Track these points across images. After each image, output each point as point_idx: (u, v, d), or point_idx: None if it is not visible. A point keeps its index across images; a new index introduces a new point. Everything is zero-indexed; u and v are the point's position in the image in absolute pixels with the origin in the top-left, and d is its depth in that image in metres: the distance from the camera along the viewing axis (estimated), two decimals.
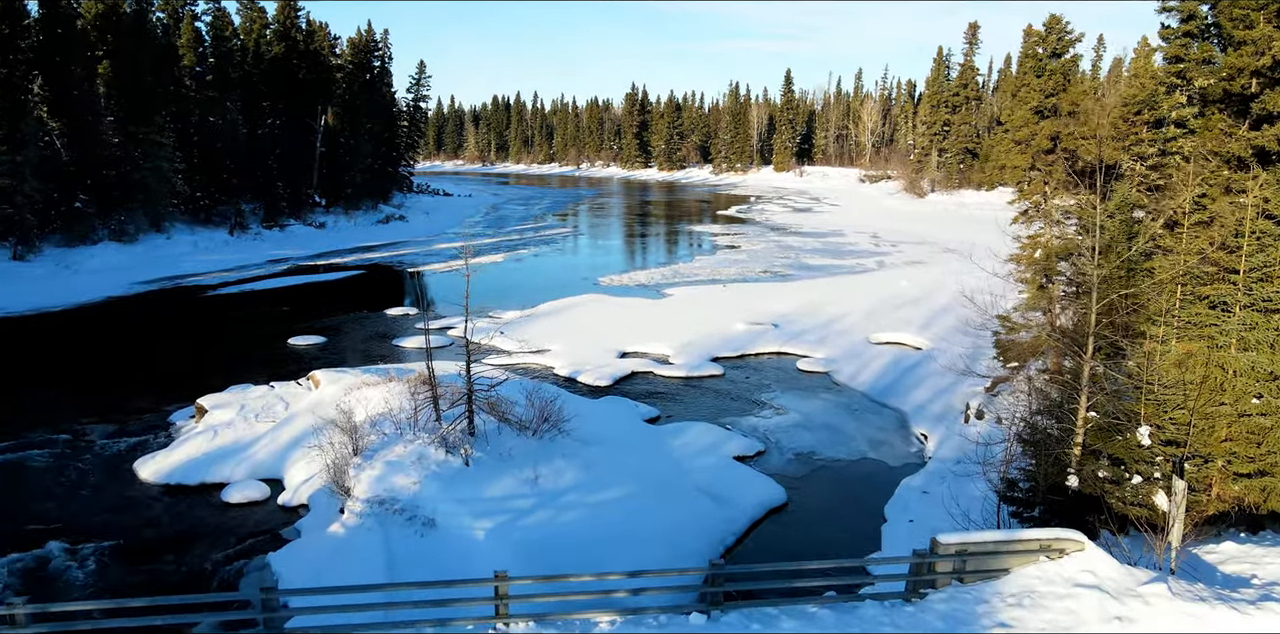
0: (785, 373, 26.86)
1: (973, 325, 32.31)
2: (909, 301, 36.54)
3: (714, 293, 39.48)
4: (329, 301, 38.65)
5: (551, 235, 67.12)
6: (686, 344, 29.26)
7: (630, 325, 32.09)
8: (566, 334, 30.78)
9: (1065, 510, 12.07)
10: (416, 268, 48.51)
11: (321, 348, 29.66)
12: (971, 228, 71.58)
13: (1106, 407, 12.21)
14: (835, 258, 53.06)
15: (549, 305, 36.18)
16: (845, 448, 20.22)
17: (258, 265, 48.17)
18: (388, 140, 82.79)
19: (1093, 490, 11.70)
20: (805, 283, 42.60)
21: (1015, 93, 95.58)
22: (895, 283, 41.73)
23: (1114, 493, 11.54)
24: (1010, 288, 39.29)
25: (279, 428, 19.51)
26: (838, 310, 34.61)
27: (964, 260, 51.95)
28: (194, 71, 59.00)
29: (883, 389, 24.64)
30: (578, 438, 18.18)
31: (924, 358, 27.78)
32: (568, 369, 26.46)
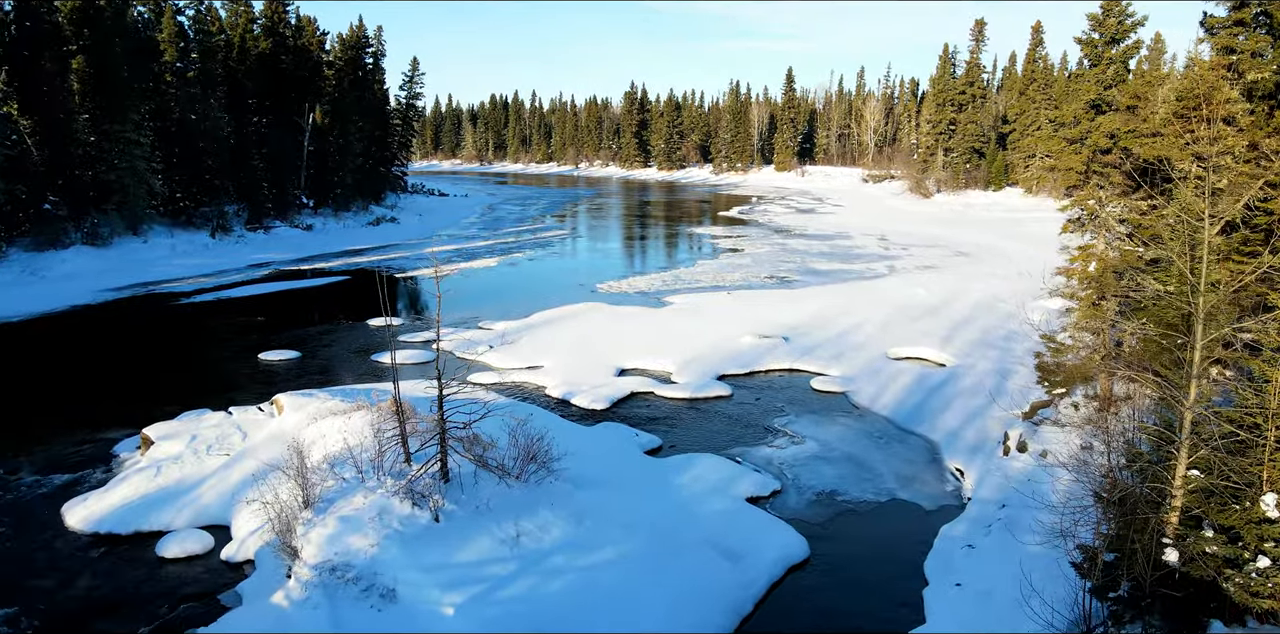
0: (798, 393, 24.55)
1: (998, 337, 30.12)
2: (927, 311, 34.24)
3: (718, 301, 37.18)
4: (308, 310, 36.34)
5: (548, 238, 64.80)
6: (690, 360, 26.96)
7: (630, 338, 29.79)
8: (561, 348, 28.48)
9: (1165, 591, 9.77)
10: (405, 273, 46.20)
11: (294, 364, 27.33)
12: (981, 229, 69.36)
13: (1215, 465, 9.90)
14: (843, 262, 50.76)
15: (543, 315, 33.87)
16: (872, 485, 17.91)
17: (238, 270, 45.83)
18: (380, 139, 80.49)
19: (1202, 573, 9.40)
20: (814, 290, 40.29)
21: (1024, 91, 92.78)
22: (910, 290, 39.45)
23: (1232, 577, 9.26)
24: (1031, 297, 37.04)
25: (231, 464, 17.19)
26: (851, 321, 32.30)
27: (976, 265, 49.76)
28: (175, 67, 56.62)
29: (908, 413, 22.32)
30: (569, 479, 15.88)
31: (949, 376, 25.47)
32: (561, 389, 24.14)
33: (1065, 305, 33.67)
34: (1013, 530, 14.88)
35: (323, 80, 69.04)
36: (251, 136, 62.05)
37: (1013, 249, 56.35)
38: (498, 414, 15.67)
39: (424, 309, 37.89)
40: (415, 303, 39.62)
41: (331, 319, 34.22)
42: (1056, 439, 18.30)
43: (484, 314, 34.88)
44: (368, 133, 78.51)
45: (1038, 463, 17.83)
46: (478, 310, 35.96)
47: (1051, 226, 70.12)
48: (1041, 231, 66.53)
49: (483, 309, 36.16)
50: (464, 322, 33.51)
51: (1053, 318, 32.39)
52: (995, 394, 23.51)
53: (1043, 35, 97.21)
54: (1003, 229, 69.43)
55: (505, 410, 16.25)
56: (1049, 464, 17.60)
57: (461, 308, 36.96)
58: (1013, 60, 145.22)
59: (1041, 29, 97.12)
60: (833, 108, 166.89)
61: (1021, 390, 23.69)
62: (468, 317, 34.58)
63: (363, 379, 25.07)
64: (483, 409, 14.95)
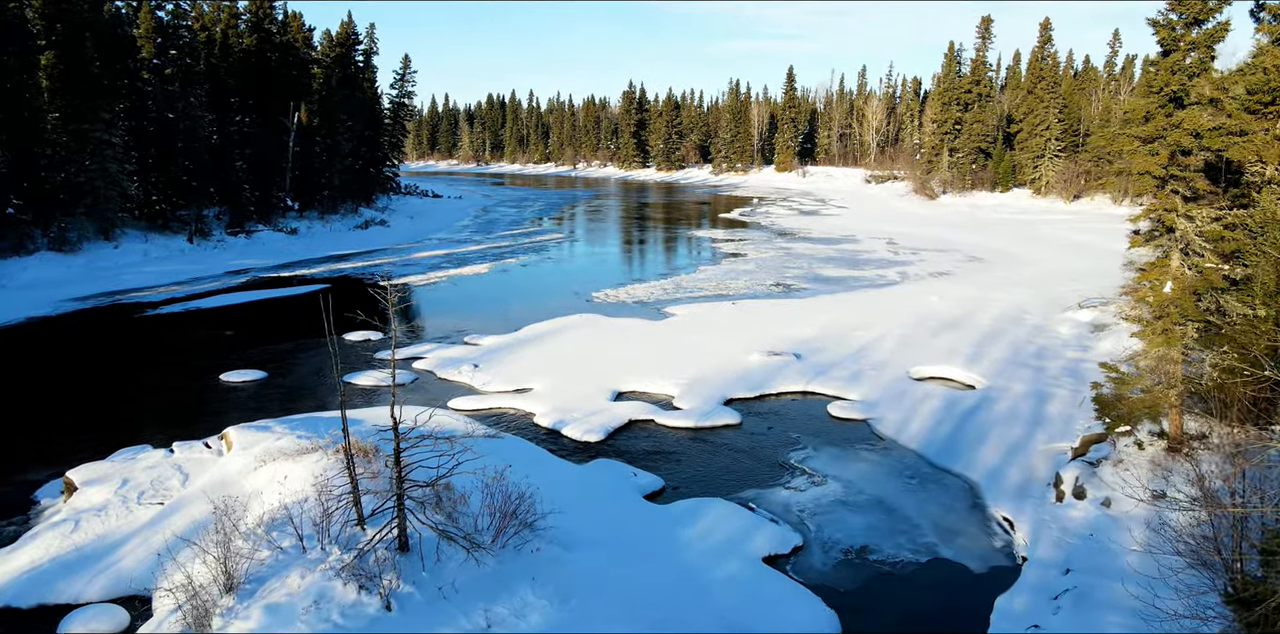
0: (815, 421, 22.09)
1: (1028, 354, 27.67)
2: (947, 324, 31.79)
3: (722, 312, 34.73)
4: (282, 322, 33.86)
5: (543, 241, 62.33)
6: (694, 381, 24.51)
7: (627, 355, 27.34)
8: (553, 367, 26.01)
9: None
10: (390, 280, 43.64)
11: (259, 387, 24.83)
12: (992, 232, 66.95)
13: None
14: (852, 268, 48.33)
15: (534, 328, 31.41)
16: (907, 540, 15.45)
17: (213, 278, 43.32)
18: (370, 139, 78.04)
19: None
20: (824, 300, 37.84)
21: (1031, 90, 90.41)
22: (925, 299, 37.02)
23: None
24: (1057, 307, 34.61)
25: (163, 518, 14.72)
26: (868, 336, 29.85)
27: (991, 271, 47.31)
28: (152, 64, 54.09)
29: (940, 446, 19.86)
30: (556, 539, 13.44)
31: (980, 400, 23.02)
32: (552, 417, 21.67)
33: (1095, 318, 31.30)
34: (1087, 606, 12.44)
35: (309, 78, 66.51)
36: (234, 136, 59.56)
37: (1028, 254, 53.94)
38: (472, 462, 13.20)
39: (409, 321, 35.42)
40: (400, 314, 37.12)
41: (306, 333, 31.71)
42: (1120, 484, 15.85)
43: (471, 327, 32.42)
44: (357, 132, 76.05)
45: (1101, 512, 15.38)
46: (464, 322, 33.51)
47: (1064, 229, 67.79)
48: (1055, 235, 64.17)
49: (470, 321, 33.72)
50: (448, 336, 31.06)
51: (1084, 332, 30.01)
52: (1035, 423, 21.10)
53: (1051, 33, 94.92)
54: (1014, 232, 67.01)
55: (483, 458, 13.77)
56: (1116, 515, 15.17)
57: (447, 319, 34.52)
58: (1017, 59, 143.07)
59: (1050, 26, 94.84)
60: (834, 107, 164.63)
61: (1063, 418, 21.25)
62: (453, 330, 32.13)
63: (331, 405, 22.59)
64: (452, 461, 12.48)
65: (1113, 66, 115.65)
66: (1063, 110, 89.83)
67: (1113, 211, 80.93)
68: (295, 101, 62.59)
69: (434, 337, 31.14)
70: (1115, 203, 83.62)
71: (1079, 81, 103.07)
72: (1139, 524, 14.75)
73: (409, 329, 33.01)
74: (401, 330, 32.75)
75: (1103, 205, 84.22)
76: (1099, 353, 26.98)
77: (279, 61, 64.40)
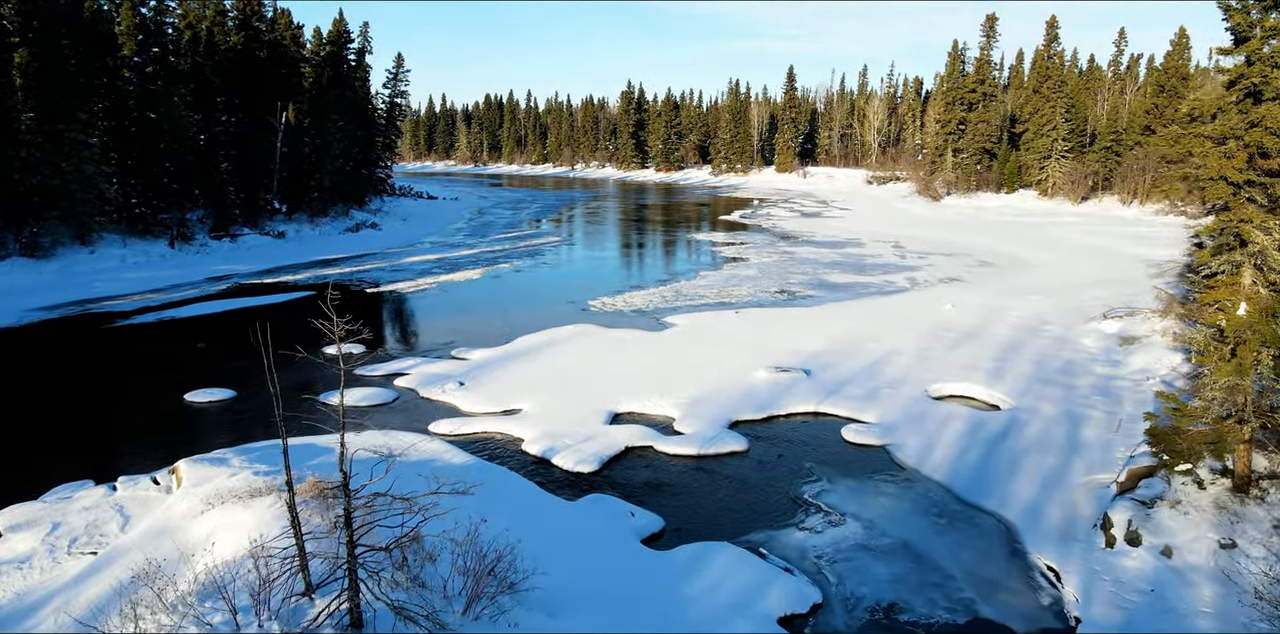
0: (829, 447, 20.27)
1: (1054, 370, 25.85)
2: (964, 335, 29.97)
3: (725, 321, 32.90)
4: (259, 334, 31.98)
5: (538, 245, 60.49)
6: (696, 401, 22.69)
7: (625, 371, 25.51)
8: (544, 385, 24.18)
9: None
10: (378, 286, 41.87)
11: (225, 408, 22.98)
12: (1000, 235, 65.15)
13: None
14: (859, 273, 46.51)
15: (526, 340, 29.59)
16: (941, 595, 13.62)
17: (193, 285, 41.46)
18: (362, 140, 76.15)
19: None
20: (832, 308, 36.01)
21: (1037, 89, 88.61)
22: (938, 307, 35.22)
23: None
24: (1080, 318, 32.76)
25: (91, 574, 12.87)
26: (881, 350, 28.03)
27: (1004, 277, 45.46)
28: (133, 62, 52.23)
29: (968, 478, 18.02)
30: (538, 603, 11.61)
31: (1008, 423, 21.20)
32: (541, 444, 19.83)
33: (1122, 329, 29.46)
34: None
35: (299, 77, 64.63)
36: (220, 137, 57.71)
37: (1039, 258, 52.14)
38: (442, 519, 11.37)
39: (391, 333, 33.60)
40: (384, 324, 35.30)
41: (283, 345, 29.79)
42: (1179, 528, 14.04)
43: (459, 338, 30.59)
44: (349, 133, 74.19)
45: (1161, 563, 13.56)
46: (453, 333, 31.69)
47: (1074, 232, 65.95)
48: (1066, 238, 62.35)
49: (459, 332, 31.89)
50: (435, 348, 29.22)
51: (1111, 344, 28.18)
52: (1071, 450, 19.27)
53: (1057, 30, 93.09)
54: (1022, 235, 65.21)
55: (455, 511, 11.91)
56: (1179, 567, 13.34)
57: (435, 330, 32.71)
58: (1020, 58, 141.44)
59: (1056, 24, 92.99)
60: (835, 107, 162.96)
61: (1101, 444, 19.43)
62: (440, 341, 30.30)
63: (299, 430, 20.74)
64: (417, 517, 10.65)
65: (1118, 66, 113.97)
66: (1070, 110, 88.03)
67: (1122, 214, 79.22)
68: (283, 101, 60.71)
69: (420, 349, 29.30)
70: (1124, 204, 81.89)
71: (1084, 81, 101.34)
72: (1207, 579, 12.96)
73: (394, 341, 31.18)
74: (387, 344, 30.90)
75: (1111, 207, 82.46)
76: (1131, 369, 25.19)
77: (267, 60, 62.52)
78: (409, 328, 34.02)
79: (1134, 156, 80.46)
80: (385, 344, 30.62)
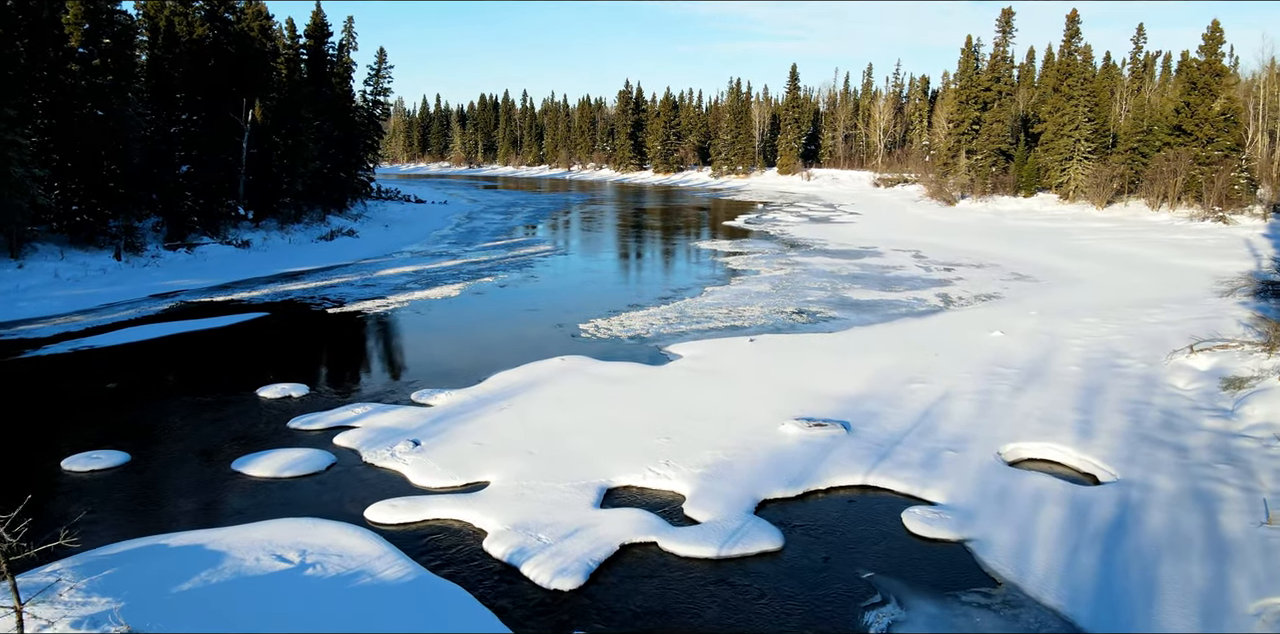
0: (889, 542, 15.38)
1: (1153, 423, 20.98)
2: (1026, 373, 25.09)
3: (738, 352, 28.05)
4: (190, 368, 27.13)
5: (528, 255, 55.63)
6: (711, 471, 17.82)
7: (620, 424, 20.65)
8: (520, 445, 19.31)
9: None
10: (342, 306, 36.96)
11: (108, 479, 18.02)
12: (1026, 243, 60.35)
13: None
14: (883, 289, 41.67)
15: (502, 379, 24.71)
16: None
17: (131, 304, 36.54)
18: (341, 140, 71.31)
19: None
20: (861, 335, 31.17)
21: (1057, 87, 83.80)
22: (984, 334, 30.41)
23: None
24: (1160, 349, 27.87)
25: None
26: (929, 392, 23.16)
27: (1048, 293, 40.61)
28: (78, 54, 47.31)
29: (1092, 602, 13.13)
30: None
31: (1120, 506, 16.31)
32: (510, 541, 14.90)
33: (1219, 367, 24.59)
34: None
35: (268, 72, 59.72)
36: (179, 137, 52.88)
37: (1078, 270, 47.36)
38: None
39: (349, 366, 28.71)
40: (338, 355, 30.41)
41: (212, 385, 24.97)
42: None
43: (423, 375, 25.71)
44: (326, 133, 69.40)
45: None
46: (418, 368, 26.83)
47: (1107, 240, 61.05)
48: (1100, 247, 57.57)
49: (425, 367, 27.02)
50: (392, 391, 24.31)
51: (1212, 387, 23.24)
52: (1219, 554, 14.37)
53: (1078, 25, 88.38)
54: (1051, 243, 60.45)
55: None
56: None
57: (397, 364, 27.86)
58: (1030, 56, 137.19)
59: (1077, 18, 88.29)
60: (839, 107, 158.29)
61: (1258, 545, 14.54)
62: (400, 380, 25.41)
63: (196, 514, 15.80)
64: None
65: (1138, 64, 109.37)
66: (1093, 109, 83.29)
67: (1152, 219, 74.54)
68: (249, 97, 55.79)
69: (373, 391, 24.38)
70: (1153, 209, 77.18)
71: (1100, 79, 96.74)
72: None
73: (345, 379, 26.27)
74: (339, 384, 25.98)
75: (1139, 211, 77.74)
76: (1251, 423, 20.32)
77: (235, 54, 57.62)
78: (367, 360, 29.13)
79: (1162, 158, 75.77)
80: (335, 382, 25.70)
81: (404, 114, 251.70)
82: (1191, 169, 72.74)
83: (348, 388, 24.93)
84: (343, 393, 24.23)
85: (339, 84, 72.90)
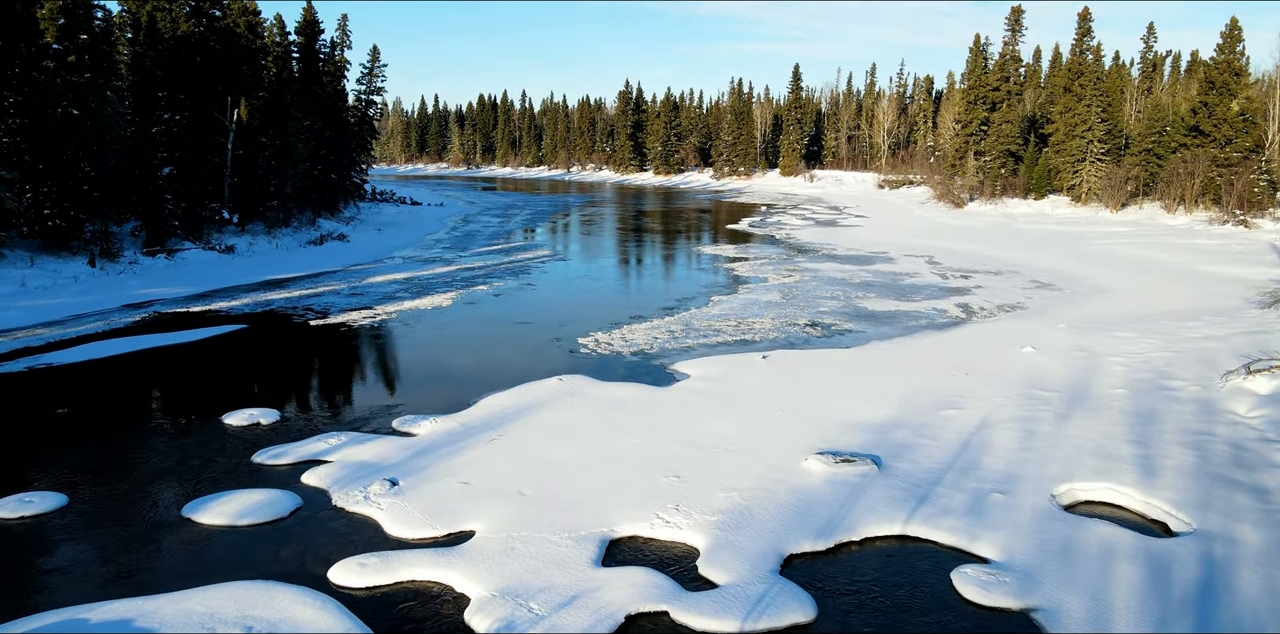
0: (941, 613, 13.14)
1: (1221, 458, 18.76)
2: (1069, 397, 22.87)
3: (751, 371, 25.85)
4: (152, 389, 24.92)
5: (525, 261, 53.43)
6: (728, 517, 15.60)
7: (623, 458, 18.44)
8: (510, 485, 17.09)
9: None
10: (326, 318, 34.74)
11: (40, 527, 15.80)
12: (1043, 248, 58.13)
13: None
14: (899, 298, 39.48)
15: (493, 403, 22.51)
16: None
17: (101, 315, 34.33)
18: (332, 141, 69.10)
19: None
20: (881, 350, 28.97)
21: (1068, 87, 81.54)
22: (1014, 350, 28.22)
23: None
24: (1212, 368, 25.66)
25: None
26: (965, 420, 20.95)
27: (1075, 303, 38.43)
28: (52, 51, 45.09)
29: None
30: None
31: (1204, 564, 14.09)
32: (495, 613, 12.66)
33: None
34: None
35: (256, 69, 57.52)
36: (161, 137, 50.66)
37: (1102, 277, 45.18)
38: None
39: (327, 387, 26.50)
40: (315, 375, 28.19)
41: (174, 409, 22.78)
42: None
43: (407, 398, 23.51)
44: (318, 133, 67.22)
45: None
46: (401, 390, 24.65)
47: (1126, 245, 58.73)
48: (1120, 252, 55.33)
49: (409, 387, 24.84)
50: (371, 416, 22.09)
51: (1276, 413, 21.05)
52: None
53: (1090, 24, 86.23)
54: (1068, 248, 58.27)
55: None
56: None
57: (378, 386, 25.63)
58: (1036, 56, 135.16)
59: (1089, 16, 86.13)
60: (842, 108, 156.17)
61: None
62: (380, 404, 23.18)
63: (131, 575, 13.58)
64: None
65: (1148, 64, 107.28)
66: (1106, 109, 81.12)
67: (1169, 222, 72.32)
68: (234, 97, 53.57)
69: (350, 417, 22.16)
70: (1169, 212, 74.99)
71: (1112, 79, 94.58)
72: None
73: (322, 403, 24.03)
74: (314, 408, 23.75)
75: (1155, 215, 75.55)
76: None
77: (221, 51, 55.42)
78: (347, 381, 26.88)
79: (1178, 159, 73.59)
80: (310, 407, 23.46)
81: (402, 115, 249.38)
82: (1209, 171, 70.57)
83: (323, 413, 22.69)
84: (317, 419, 21.99)
85: (331, 83, 70.72)
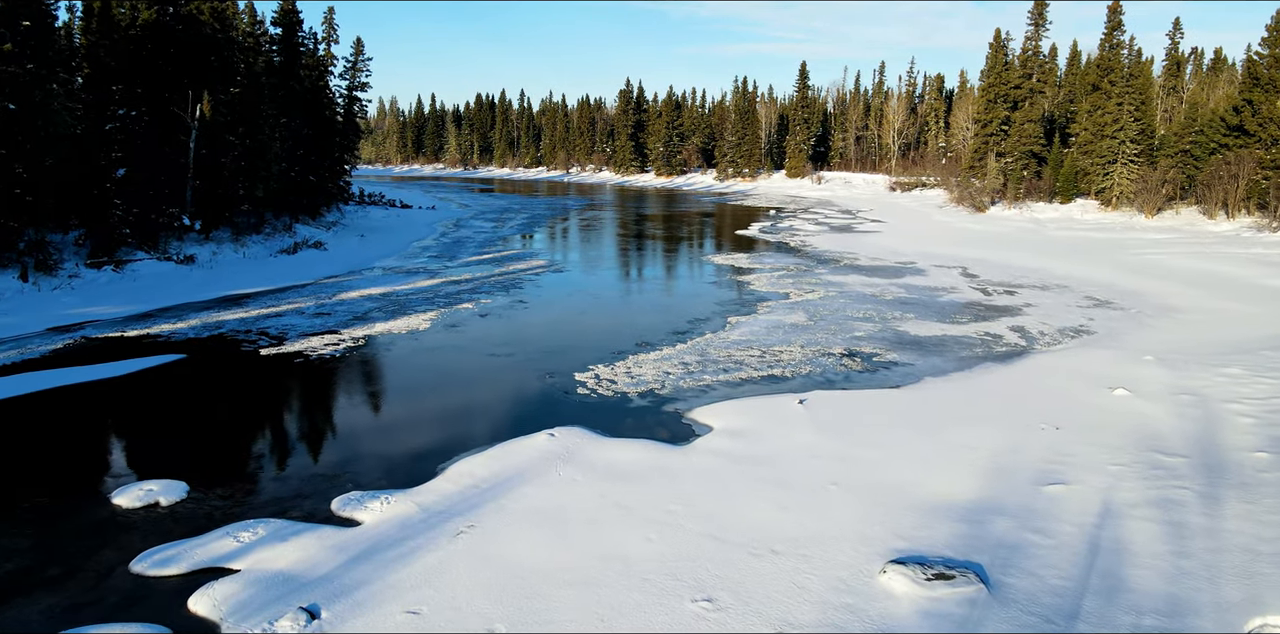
0: None
1: None
2: (1201, 465, 17.90)
3: (787, 420, 20.90)
4: (38, 447, 19.94)
5: (518, 272, 48.51)
6: None
7: (633, 569, 13.50)
8: (476, 618, 12.15)
9: None
10: (280, 345, 29.76)
11: None
12: (1083, 258, 53.18)
13: None
14: (942, 319, 34.56)
15: (461, 475, 17.57)
16: None
17: (16, 342, 29.38)
18: (312, 140, 64.17)
19: None
20: (939, 391, 24.02)
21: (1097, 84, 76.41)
22: (1101, 390, 23.30)
23: None
24: None
25: None
26: (1079, 503, 15.97)
27: (1143, 325, 33.43)
28: None
29: None
30: None
31: None
32: None
33: None
34: None
35: (223, 61, 52.57)
36: (115, 136, 45.70)
37: (1164, 293, 40.27)
38: None
39: (255, 447, 21.52)
40: (249, 426, 23.19)
41: (56, 477, 17.83)
42: None
43: (355, 463, 18.55)
44: (296, 132, 62.29)
45: None
46: (349, 450, 19.67)
47: (1175, 254, 53.43)
48: (1169, 263, 50.32)
49: (359, 445, 19.88)
50: (306, 490, 17.11)
51: None
52: None
53: (1120, 17, 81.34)
54: (1112, 257, 53.35)
55: None
56: None
57: (320, 444, 20.62)
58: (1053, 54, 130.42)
59: (1120, 10, 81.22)
60: (850, 107, 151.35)
61: None
62: (318, 472, 18.19)
63: None
64: None
65: (1173, 62, 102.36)
66: (1139, 108, 76.25)
67: (1212, 229, 67.35)
68: (196, 91, 48.64)
69: (279, 493, 17.17)
70: (1210, 218, 70.04)
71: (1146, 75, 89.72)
72: None
73: (244, 469, 19.03)
74: (230, 474, 18.74)
75: (1194, 220, 70.64)
76: None
77: (183, 40, 50.49)
78: (284, 437, 21.90)
79: (1220, 161, 68.67)
80: (229, 477, 18.44)
81: (398, 114, 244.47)
82: (1254, 173, 65.65)
83: (244, 486, 17.71)
84: (235, 496, 17.01)
85: (312, 78, 65.82)
